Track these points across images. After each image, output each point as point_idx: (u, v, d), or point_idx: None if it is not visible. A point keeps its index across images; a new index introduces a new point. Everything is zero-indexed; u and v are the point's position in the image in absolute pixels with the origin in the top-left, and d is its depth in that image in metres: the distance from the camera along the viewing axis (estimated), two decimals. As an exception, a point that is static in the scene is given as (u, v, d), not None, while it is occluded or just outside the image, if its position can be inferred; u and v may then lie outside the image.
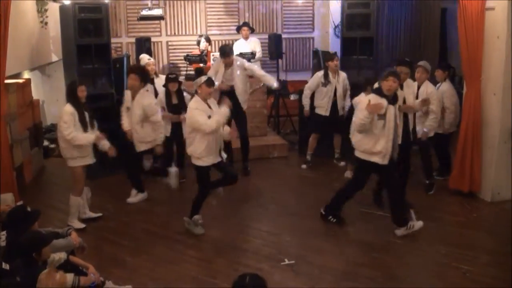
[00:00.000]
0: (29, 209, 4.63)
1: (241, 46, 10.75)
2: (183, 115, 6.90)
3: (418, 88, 7.16)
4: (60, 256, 4.45)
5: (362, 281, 5.21)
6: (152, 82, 8.27)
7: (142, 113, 7.02)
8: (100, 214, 6.81)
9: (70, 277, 4.14)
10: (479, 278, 5.23)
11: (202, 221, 6.34)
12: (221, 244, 6.13)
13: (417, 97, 6.94)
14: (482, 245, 5.92)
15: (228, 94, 7.80)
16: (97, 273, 4.54)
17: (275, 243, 6.09)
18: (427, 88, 7.15)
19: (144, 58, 8.77)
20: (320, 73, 8.55)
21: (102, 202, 7.29)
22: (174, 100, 7.86)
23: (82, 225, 6.49)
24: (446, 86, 7.62)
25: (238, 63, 8.17)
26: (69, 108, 6.32)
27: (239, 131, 8.18)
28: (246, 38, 10.78)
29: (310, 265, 5.53)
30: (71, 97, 6.40)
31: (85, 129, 6.36)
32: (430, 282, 5.21)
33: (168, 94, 7.86)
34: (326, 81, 8.43)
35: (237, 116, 8.05)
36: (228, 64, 8.11)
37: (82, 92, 6.39)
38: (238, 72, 8.11)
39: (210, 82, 6.15)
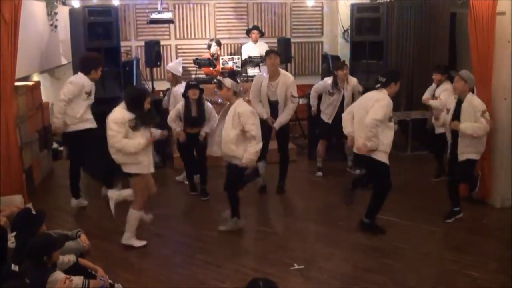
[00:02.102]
0: (34, 211, 4.61)
1: (249, 49, 10.77)
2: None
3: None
4: (69, 258, 4.45)
5: (370, 287, 5.18)
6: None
7: None
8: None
9: (79, 279, 4.15)
10: (488, 285, 5.18)
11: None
12: (230, 248, 6.11)
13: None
14: (491, 252, 5.87)
15: (271, 107, 7.52)
16: (106, 276, 4.55)
17: (284, 247, 6.07)
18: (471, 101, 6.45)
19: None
20: (330, 80, 8.40)
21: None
22: (194, 113, 7.39)
23: (143, 243, 6.09)
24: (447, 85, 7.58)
25: (283, 76, 7.53)
26: (125, 115, 5.74)
27: (279, 148, 7.76)
28: (255, 41, 10.81)
29: (320, 270, 5.51)
30: (136, 107, 5.76)
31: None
32: (439, 288, 5.18)
33: (187, 104, 7.39)
34: (335, 90, 8.26)
35: (279, 132, 7.58)
36: (273, 73, 7.44)
37: (148, 104, 5.84)
38: (280, 86, 7.45)
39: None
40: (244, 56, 10.59)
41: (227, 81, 6.24)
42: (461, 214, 6.66)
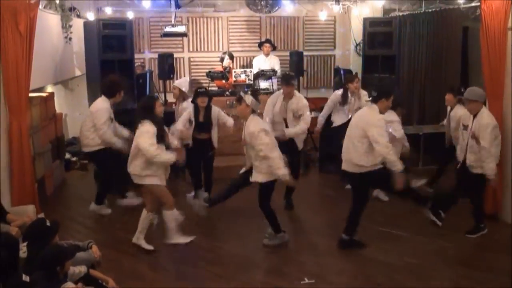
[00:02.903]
0: (48, 223, 4.64)
1: (260, 62, 10.82)
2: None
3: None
4: (81, 269, 4.47)
5: (381, 302, 5.17)
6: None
7: None
8: (151, 248, 6.30)
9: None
10: (500, 301, 5.15)
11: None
12: (241, 261, 6.10)
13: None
14: (503, 268, 5.79)
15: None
16: (117, 287, 4.56)
17: (295, 261, 6.06)
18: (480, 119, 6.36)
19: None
20: (339, 92, 8.41)
21: (121, 215, 7.37)
22: (201, 118, 7.41)
23: (190, 238, 6.45)
24: (462, 110, 7.24)
25: (297, 98, 7.46)
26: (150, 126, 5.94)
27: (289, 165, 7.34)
28: (267, 54, 10.86)
29: (330, 284, 5.49)
30: (150, 113, 6.01)
31: (166, 147, 6.11)
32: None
33: (196, 110, 7.41)
34: (345, 101, 8.26)
35: (289, 148, 7.24)
36: (288, 96, 7.38)
37: (159, 107, 6.13)
38: (293, 107, 7.37)
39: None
40: (255, 68, 10.64)
41: (248, 98, 6.10)
42: (486, 231, 6.63)
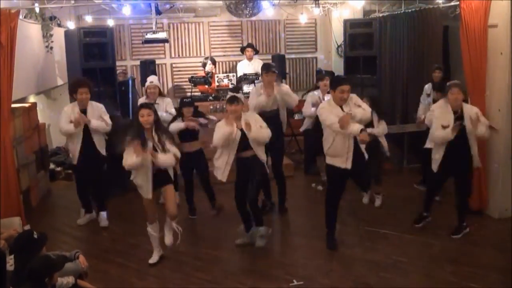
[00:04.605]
0: (35, 235, 4.60)
1: (244, 66, 10.85)
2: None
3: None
4: (68, 280, 4.43)
5: (371, 301, 5.19)
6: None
7: None
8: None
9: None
10: (489, 296, 5.19)
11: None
12: (229, 265, 6.11)
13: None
14: (491, 263, 5.86)
15: (271, 118, 7.04)
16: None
17: (283, 263, 6.06)
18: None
19: (148, 79, 8.21)
20: (316, 92, 8.35)
21: (109, 224, 7.35)
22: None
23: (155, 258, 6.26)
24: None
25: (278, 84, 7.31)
26: None
27: (273, 166, 7.43)
28: (249, 59, 10.89)
29: (319, 286, 5.50)
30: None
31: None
32: (440, 301, 5.18)
33: (182, 120, 7.19)
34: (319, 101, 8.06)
35: (272, 148, 7.10)
36: (270, 86, 7.16)
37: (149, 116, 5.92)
38: (278, 97, 7.21)
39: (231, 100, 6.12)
40: (239, 73, 10.66)
41: (241, 96, 6.22)
42: (468, 229, 6.65)
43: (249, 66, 10.82)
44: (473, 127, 6.15)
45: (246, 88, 10.36)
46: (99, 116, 7.14)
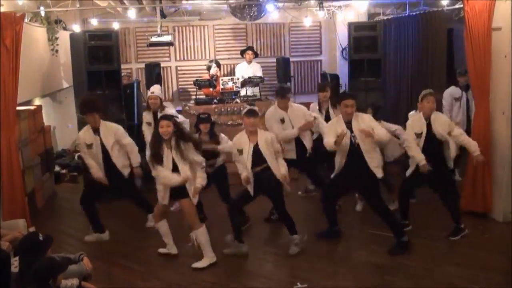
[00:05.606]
0: (41, 237, 4.62)
1: (243, 69, 10.81)
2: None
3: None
4: (72, 282, 4.45)
5: (375, 304, 5.19)
6: (155, 116, 7.60)
7: None
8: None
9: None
10: (493, 299, 5.18)
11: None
12: (234, 268, 6.11)
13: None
14: (494, 266, 5.84)
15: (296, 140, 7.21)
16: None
17: (287, 266, 6.07)
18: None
19: (151, 89, 8.00)
20: (316, 105, 8.04)
21: (114, 226, 7.32)
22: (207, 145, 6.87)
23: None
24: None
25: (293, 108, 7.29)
26: None
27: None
28: (249, 62, 10.84)
29: (322, 288, 5.51)
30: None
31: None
32: (444, 304, 5.17)
33: (199, 136, 6.90)
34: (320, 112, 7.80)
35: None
36: (285, 109, 7.17)
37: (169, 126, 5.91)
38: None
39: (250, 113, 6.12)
40: (238, 75, 10.62)
41: (258, 109, 6.23)
42: (466, 231, 6.65)
43: (248, 69, 10.77)
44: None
45: (250, 91, 10.32)
46: (113, 137, 6.82)
